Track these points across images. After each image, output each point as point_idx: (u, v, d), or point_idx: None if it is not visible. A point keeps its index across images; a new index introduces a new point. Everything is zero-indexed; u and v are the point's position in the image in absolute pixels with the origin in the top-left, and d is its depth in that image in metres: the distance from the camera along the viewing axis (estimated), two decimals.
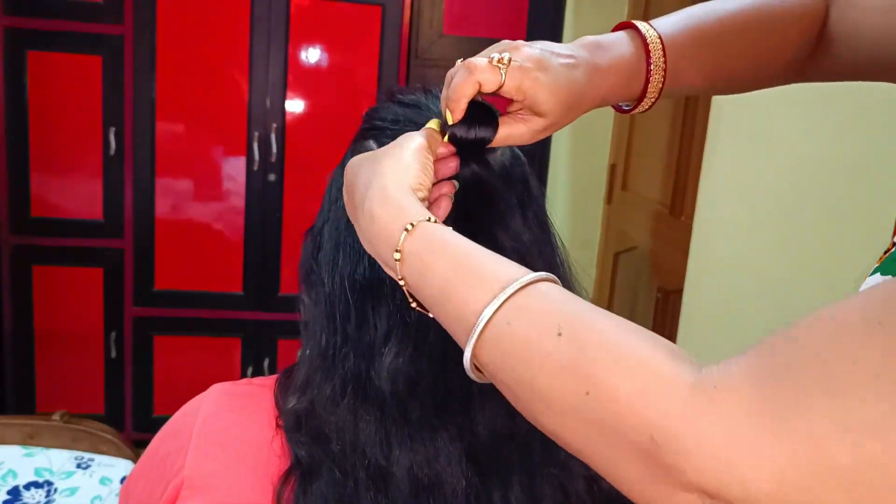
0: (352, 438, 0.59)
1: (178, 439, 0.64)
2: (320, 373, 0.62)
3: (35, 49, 2.32)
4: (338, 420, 0.60)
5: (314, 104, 2.48)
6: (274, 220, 2.51)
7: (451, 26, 2.51)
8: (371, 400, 0.59)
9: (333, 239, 0.64)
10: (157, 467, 0.64)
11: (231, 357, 2.59)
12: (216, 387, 0.68)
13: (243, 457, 0.61)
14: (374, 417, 0.59)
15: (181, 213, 2.48)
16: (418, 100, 0.66)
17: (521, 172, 0.65)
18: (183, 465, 0.61)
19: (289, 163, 2.47)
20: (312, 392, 0.62)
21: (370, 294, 0.61)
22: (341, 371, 0.61)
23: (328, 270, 0.64)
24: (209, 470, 0.61)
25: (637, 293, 2.46)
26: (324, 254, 0.64)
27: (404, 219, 0.49)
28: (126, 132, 2.39)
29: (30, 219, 2.42)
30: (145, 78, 2.36)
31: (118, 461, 1.38)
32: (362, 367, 0.60)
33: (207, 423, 0.63)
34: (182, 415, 0.67)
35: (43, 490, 1.30)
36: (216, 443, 0.62)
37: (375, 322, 0.60)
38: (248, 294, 2.54)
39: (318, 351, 0.63)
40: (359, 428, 0.59)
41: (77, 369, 2.52)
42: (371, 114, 0.67)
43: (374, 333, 0.60)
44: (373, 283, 0.61)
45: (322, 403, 0.61)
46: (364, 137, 0.65)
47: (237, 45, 2.38)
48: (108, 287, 2.48)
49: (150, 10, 2.32)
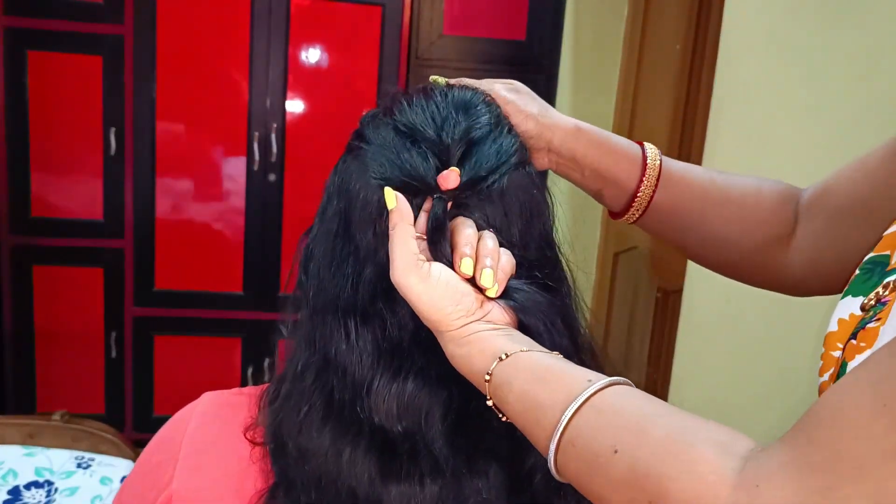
0: (334, 467, 0.57)
1: (167, 451, 0.63)
2: (293, 396, 0.60)
3: (35, 49, 2.32)
4: (316, 446, 0.57)
5: (314, 104, 2.48)
6: (274, 220, 2.51)
7: (451, 26, 2.51)
8: (358, 430, 0.57)
9: (322, 251, 0.61)
10: (147, 478, 0.64)
11: (231, 357, 2.59)
12: (207, 396, 0.67)
13: (230, 472, 0.61)
14: (362, 449, 0.57)
15: (181, 213, 2.48)
16: (414, 126, 0.59)
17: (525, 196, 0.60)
18: (171, 478, 0.61)
19: (289, 163, 2.47)
20: (284, 413, 0.60)
21: (355, 319, 0.58)
22: (318, 397, 0.58)
23: (314, 285, 0.61)
24: (196, 485, 0.60)
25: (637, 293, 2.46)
26: (312, 265, 0.62)
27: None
28: (126, 132, 2.39)
29: (30, 219, 2.42)
30: (145, 78, 2.36)
31: (118, 461, 1.38)
32: (345, 396, 0.57)
33: (196, 436, 0.63)
34: (172, 425, 0.66)
35: (43, 490, 1.30)
36: (204, 457, 0.62)
37: (361, 349, 0.57)
38: (248, 294, 2.54)
39: (294, 373, 0.61)
40: (342, 458, 0.57)
41: (77, 369, 2.52)
42: (362, 129, 0.62)
43: (361, 362, 0.57)
44: (359, 308, 0.58)
45: (294, 427, 0.58)
46: (350, 150, 0.62)
47: (237, 45, 2.38)
48: (108, 287, 2.48)
49: (150, 10, 2.32)
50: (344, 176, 0.61)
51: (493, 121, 0.61)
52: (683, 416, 0.44)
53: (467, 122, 0.59)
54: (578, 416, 0.47)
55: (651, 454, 0.43)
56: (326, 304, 0.59)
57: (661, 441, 0.43)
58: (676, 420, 0.44)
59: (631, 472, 0.43)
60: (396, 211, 0.55)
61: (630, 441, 0.44)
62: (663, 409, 0.45)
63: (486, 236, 0.56)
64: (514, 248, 0.59)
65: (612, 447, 0.44)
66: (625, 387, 0.48)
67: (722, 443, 0.41)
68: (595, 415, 0.47)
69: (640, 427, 0.44)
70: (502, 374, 0.52)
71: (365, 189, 0.59)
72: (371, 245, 0.58)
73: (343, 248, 0.60)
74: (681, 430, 0.43)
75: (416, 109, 0.60)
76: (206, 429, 0.64)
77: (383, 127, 0.60)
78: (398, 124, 0.60)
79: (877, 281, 0.55)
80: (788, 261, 0.73)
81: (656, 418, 0.45)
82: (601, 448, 0.45)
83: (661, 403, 0.46)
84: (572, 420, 0.47)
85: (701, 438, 0.42)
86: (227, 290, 2.54)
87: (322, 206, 0.63)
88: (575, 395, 0.47)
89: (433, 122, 0.59)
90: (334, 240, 0.60)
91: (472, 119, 0.60)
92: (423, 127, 0.59)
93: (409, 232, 0.55)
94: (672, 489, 0.41)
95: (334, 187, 0.61)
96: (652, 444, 0.43)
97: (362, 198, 0.59)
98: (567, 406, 0.47)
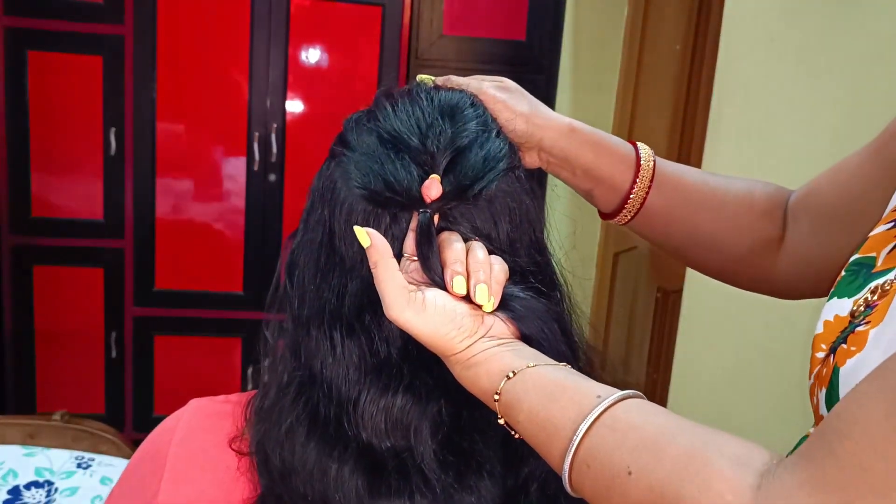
0: (320, 483, 0.56)
1: (153, 462, 0.62)
2: (277, 408, 0.58)
3: (35, 49, 2.32)
4: (301, 460, 0.56)
5: (314, 104, 2.48)
6: (274, 220, 2.51)
7: (451, 27, 2.51)
8: (344, 446, 0.56)
9: (306, 259, 0.60)
10: (133, 489, 0.63)
11: (231, 357, 2.59)
12: (193, 404, 0.66)
13: (217, 483, 0.60)
14: (349, 465, 0.56)
15: (181, 213, 2.48)
16: (399, 134, 0.57)
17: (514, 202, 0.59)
18: (158, 490, 0.60)
19: (289, 163, 2.47)
20: (268, 426, 0.59)
21: (340, 331, 0.57)
22: (303, 411, 0.57)
23: (298, 294, 0.60)
24: (183, 496, 0.60)
25: (637, 293, 2.46)
26: (297, 273, 0.60)
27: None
28: (126, 132, 2.39)
29: (30, 219, 2.42)
30: (145, 78, 2.36)
31: (118, 461, 1.38)
32: (331, 410, 0.56)
33: (182, 446, 0.62)
34: (159, 434, 0.65)
35: (43, 490, 1.30)
36: (190, 468, 0.61)
37: (347, 362, 0.56)
38: (248, 294, 2.54)
39: (278, 385, 0.60)
40: (328, 474, 0.56)
41: (77, 369, 2.52)
42: (345, 135, 0.61)
43: (347, 376, 0.56)
44: (343, 321, 0.57)
45: (278, 441, 0.57)
46: (334, 156, 0.60)
47: (237, 45, 2.38)
48: (108, 287, 2.48)
49: (150, 10, 2.32)
50: (327, 183, 0.59)
51: (480, 126, 0.60)
52: (696, 430, 0.44)
53: (453, 130, 0.58)
54: (591, 436, 0.46)
55: (667, 475, 0.42)
56: (311, 315, 0.58)
57: (677, 460, 0.42)
58: (690, 436, 0.43)
59: (649, 493, 0.43)
60: (373, 249, 0.53)
61: (646, 461, 0.43)
62: (675, 424, 0.45)
63: (475, 248, 0.55)
64: (505, 254, 0.58)
65: (627, 468, 0.44)
66: (636, 400, 0.48)
67: (738, 457, 0.41)
68: (608, 433, 0.46)
69: (656, 445, 0.44)
70: (511, 393, 0.51)
71: (349, 198, 0.57)
72: (356, 257, 0.57)
73: (328, 259, 0.58)
74: (695, 447, 0.42)
75: (400, 115, 0.58)
76: (193, 438, 0.63)
77: (367, 133, 0.59)
78: (382, 131, 0.58)
79: (862, 283, 0.55)
80: (778, 263, 0.73)
81: (670, 436, 0.44)
82: (616, 469, 0.44)
83: (672, 417, 0.46)
84: (584, 440, 0.46)
85: (716, 455, 0.41)
86: (227, 290, 2.54)
87: (306, 211, 0.61)
88: (585, 414, 0.47)
89: (418, 129, 0.58)
90: (319, 249, 0.59)
91: (458, 125, 0.58)
92: (407, 135, 0.57)
93: (393, 266, 0.53)
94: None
95: (318, 193, 0.60)
96: (668, 464, 0.42)
97: (346, 206, 0.57)
98: (578, 425, 0.47)
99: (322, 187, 0.59)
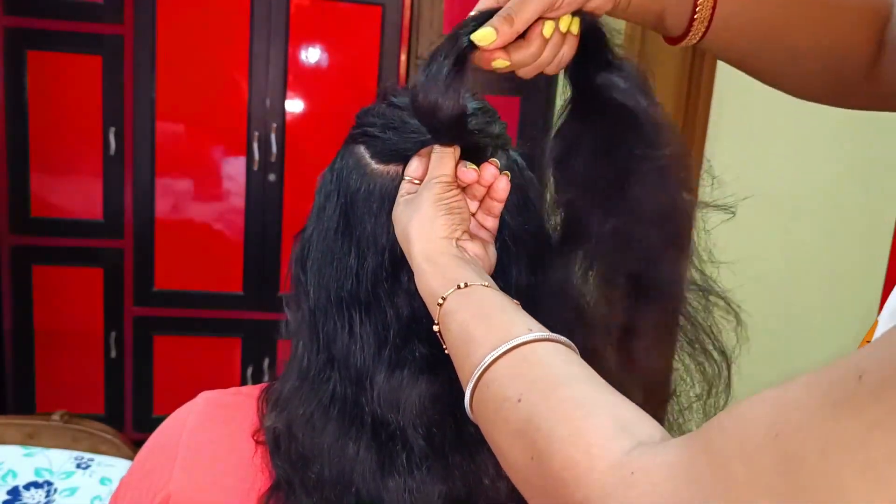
0: (337, 465, 0.57)
1: (164, 452, 0.63)
2: (299, 394, 0.60)
3: (35, 49, 2.32)
4: (320, 444, 0.57)
5: (314, 104, 2.48)
6: (274, 220, 2.51)
7: (451, 26, 2.50)
8: (360, 424, 0.57)
9: (321, 249, 0.62)
10: (143, 479, 0.64)
11: (231, 357, 2.59)
12: (204, 396, 0.67)
13: (229, 473, 0.61)
14: (364, 444, 0.57)
15: (181, 213, 2.48)
16: (408, 105, 0.62)
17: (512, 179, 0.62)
18: (169, 479, 0.61)
19: (289, 163, 2.47)
20: (290, 413, 0.60)
21: (358, 311, 0.58)
22: (324, 394, 0.58)
23: (314, 283, 0.61)
24: (195, 486, 0.60)
25: None
26: (311, 263, 0.62)
27: (435, 296, 0.53)
28: (126, 132, 2.39)
29: (30, 219, 2.42)
30: (145, 78, 2.36)
31: (118, 461, 1.38)
32: (349, 390, 0.58)
33: (193, 437, 0.63)
34: (169, 425, 0.66)
35: (43, 490, 1.30)
36: (202, 458, 0.62)
37: (363, 342, 0.58)
38: (248, 294, 2.54)
39: (299, 371, 0.61)
40: (346, 454, 0.57)
41: (77, 369, 2.52)
42: (362, 116, 0.65)
43: (363, 354, 0.58)
44: (361, 299, 0.59)
45: (301, 426, 0.58)
46: (355, 141, 0.63)
47: (237, 45, 2.38)
48: (108, 287, 2.48)
49: (150, 10, 2.32)
50: (341, 174, 0.62)
51: (485, 106, 0.64)
52: (601, 388, 0.43)
53: None
54: (504, 360, 0.45)
55: (549, 410, 0.41)
56: (329, 299, 0.60)
57: (565, 402, 0.41)
58: (591, 390, 0.42)
59: (526, 423, 0.42)
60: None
61: (538, 394, 0.42)
62: (585, 376, 0.44)
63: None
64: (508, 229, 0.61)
65: (519, 395, 0.43)
66: (564, 346, 0.46)
67: (624, 420, 0.40)
68: (520, 363, 0.45)
69: (554, 384, 0.43)
70: (454, 302, 0.50)
71: (366, 182, 0.60)
72: (371, 234, 0.59)
73: (343, 243, 0.60)
74: (589, 399, 0.41)
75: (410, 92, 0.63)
76: (204, 429, 0.63)
77: (380, 110, 0.63)
78: (394, 103, 0.63)
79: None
80: (883, 68, 0.65)
81: (573, 381, 0.43)
82: (509, 394, 0.44)
83: (588, 371, 0.44)
84: (497, 362, 0.45)
85: (604, 412, 0.40)
86: (227, 290, 2.54)
87: (318, 206, 0.64)
88: (509, 339, 0.46)
89: None
90: (334, 235, 0.61)
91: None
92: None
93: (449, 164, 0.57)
94: (555, 449, 0.40)
95: (333, 185, 0.63)
96: (554, 403, 0.42)
97: (364, 191, 0.60)
98: (496, 347, 0.46)
99: (336, 179, 0.63)
